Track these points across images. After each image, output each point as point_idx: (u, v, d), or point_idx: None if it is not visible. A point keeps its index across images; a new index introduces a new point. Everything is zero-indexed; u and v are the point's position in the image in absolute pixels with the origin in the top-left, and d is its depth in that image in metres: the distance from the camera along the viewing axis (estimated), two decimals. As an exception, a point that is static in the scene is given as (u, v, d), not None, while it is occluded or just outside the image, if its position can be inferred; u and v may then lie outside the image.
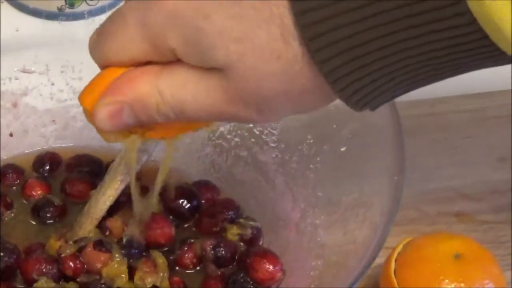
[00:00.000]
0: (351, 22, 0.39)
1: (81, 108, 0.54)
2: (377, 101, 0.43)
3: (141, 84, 0.45)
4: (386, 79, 0.41)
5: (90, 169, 0.63)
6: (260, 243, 0.60)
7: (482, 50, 0.40)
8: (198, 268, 0.59)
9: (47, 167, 0.64)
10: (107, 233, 0.58)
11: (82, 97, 0.49)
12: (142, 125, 0.47)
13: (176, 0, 0.43)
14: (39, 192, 0.62)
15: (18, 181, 0.63)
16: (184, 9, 0.42)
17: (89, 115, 0.48)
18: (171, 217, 0.60)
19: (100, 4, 0.69)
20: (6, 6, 0.76)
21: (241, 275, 0.57)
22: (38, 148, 0.65)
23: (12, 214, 0.61)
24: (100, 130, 0.49)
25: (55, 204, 0.61)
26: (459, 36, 0.39)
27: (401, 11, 0.38)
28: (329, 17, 0.39)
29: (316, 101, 0.45)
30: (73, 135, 0.65)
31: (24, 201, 0.62)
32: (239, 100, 0.44)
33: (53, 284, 0.56)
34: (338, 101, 0.55)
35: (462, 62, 0.41)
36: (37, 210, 0.61)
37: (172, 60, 0.45)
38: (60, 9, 0.75)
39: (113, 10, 0.46)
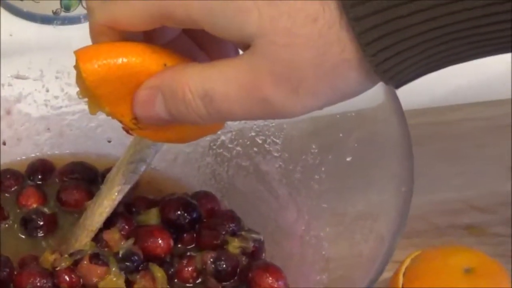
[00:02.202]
0: None
1: (77, 116, 0.54)
2: (405, 74, 0.42)
3: (173, 75, 0.45)
4: (420, 49, 0.41)
5: (85, 177, 0.63)
6: (263, 256, 0.60)
7: None
8: (198, 282, 0.59)
9: (39, 176, 0.64)
10: (103, 246, 0.58)
11: (85, 61, 0.46)
12: (167, 122, 0.46)
13: None
14: (33, 203, 0.62)
15: (16, 187, 0.63)
16: None
17: (83, 82, 0.46)
18: (170, 229, 0.60)
19: (96, 7, 0.70)
20: (-1, 10, 0.77)
21: (243, 288, 0.57)
22: (32, 155, 0.65)
23: (6, 225, 0.61)
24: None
25: (45, 215, 0.61)
26: (496, 14, 0.39)
27: None
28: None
29: (353, 80, 0.43)
30: (69, 143, 0.65)
31: (18, 211, 0.62)
32: (270, 79, 0.42)
33: (47, 298, 0.56)
34: (344, 109, 0.56)
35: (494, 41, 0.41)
36: (25, 224, 0.61)
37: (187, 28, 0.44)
38: (55, 12, 0.76)
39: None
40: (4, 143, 0.65)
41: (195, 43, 0.50)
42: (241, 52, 0.45)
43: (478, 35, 0.40)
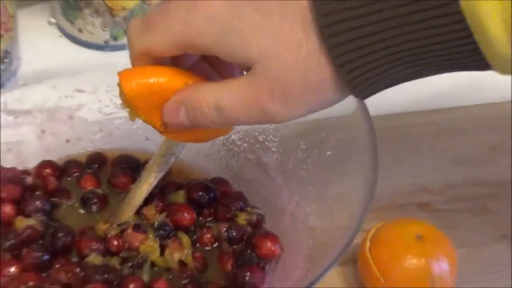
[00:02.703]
0: (357, 16, 0.38)
1: (123, 120, 0.55)
2: (370, 89, 0.42)
3: (193, 92, 0.45)
4: (384, 68, 0.40)
5: (129, 166, 0.63)
6: (263, 226, 0.60)
7: (466, 50, 0.38)
8: (214, 246, 0.59)
9: (95, 165, 0.64)
10: (143, 218, 0.59)
11: (126, 81, 0.46)
12: (189, 127, 0.46)
13: (216, 3, 0.41)
14: (90, 185, 0.62)
15: (77, 173, 0.63)
16: (223, 12, 0.41)
17: (124, 96, 0.46)
18: (193, 206, 0.60)
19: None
20: (64, 40, 0.77)
21: (248, 251, 0.58)
22: (89, 150, 0.65)
23: (69, 203, 0.61)
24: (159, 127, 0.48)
25: (98, 195, 0.61)
26: (445, 33, 0.38)
27: (399, 9, 0.37)
28: (344, 19, 0.39)
29: (329, 94, 0.42)
30: (117, 140, 0.65)
31: (78, 192, 0.62)
32: (267, 95, 0.42)
33: (100, 259, 0.56)
34: (326, 115, 0.56)
35: (446, 60, 0.40)
36: (84, 202, 0.61)
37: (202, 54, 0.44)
38: (106, 42, 0.76)
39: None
40: (68, 141, 0.65)
41: (210, 66, 0.49)
42: (244, 72, 0.46)
43: (424, 58, 0.40)
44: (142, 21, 0.45)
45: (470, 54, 0.39)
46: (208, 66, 0.49)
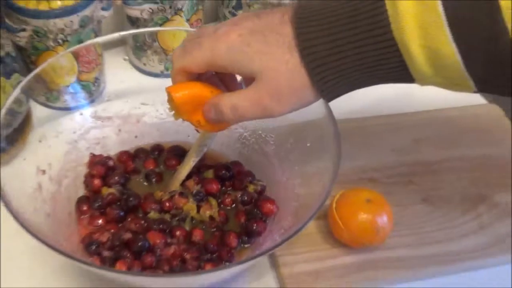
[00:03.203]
0: (324, 43, 0.39)
1: (172, 123, 0.54)
2: (335, 93, 0.42)
3: (220, 100, 0.44)
4: (343, 79, 0.40)
5: (178, 153, 0.62)
6: (265, 193, 0.59)
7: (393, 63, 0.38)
8: (233, 206, 0.59)
9: (156, 152, 0.63)
10: (185, 188, 0.58)
11: (174, 92, 0.46)
12: (216, 121, 0.46)
13: (232, 37, 0.41)
14: (151, 166, 0.62)
15: (144, 158, 0.63)
16: (237, 43, 0.41)
17: (174, 103, 0.46)
18: (218, 180, 0.60)
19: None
20: (134, 70, 0.77)
21: (255, 210, 0.57)
22: (151, 142, 0.64)
23: (137, 178, 0.61)
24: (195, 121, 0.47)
25: (156, 173, 0.61)
26: (385, 57, 0.38)
27: (353, 39, 0.38)
28: (316, 44, 0.39)
29: (308, 95, 0.42)
30: (169, 136, 0.64)
31: (143, 170, 0.62)
32: (267, 97, 0.41)
33: (157, 215, 0.56)
34: (306, 119, 0.56)
35: (385, 73, 0.40)
36: (146, 177, 0.61)
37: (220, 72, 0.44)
38: (161, 71, 0.76)
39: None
40: (136, 137, 0.64)
41: (220, 80, 0.49)
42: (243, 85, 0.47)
43: (370, 72, 0.40)
44: (181, 49, 0.45)
45: (401, 69, 0.38)
46: (218, 79, 0.49)
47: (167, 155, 0.63)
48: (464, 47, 0.36)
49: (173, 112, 0.48)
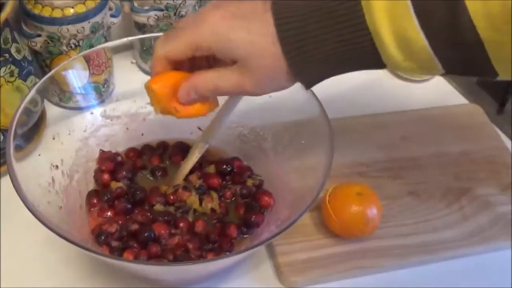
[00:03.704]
0: (302, 33, 0.39)
1: (176, 122, 0.53)
2: (310, 79, 0.42)
3: (198, 78, 0.44)
4: (318, 67, 0.40)
5: (181, 149, 0.62)
6: (263, 187, 0.59)
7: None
8: (232, 199, 0.58)
9: (161, 148, 0.63)
10: (189, 182, 0.58)
11: (153, 83, 0.44)
12: (197, 100, 0.44)
13: (216, 20, 0.40)
14: (157, 162, 0.61)
15: (150, 154, 0.62)
16: (222, 27, 0.40)
17: (155, 95, 0.45)
18: (219, 174, 0.59)
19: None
20: (140, 73, 0.76)
21: (254, 203, 0.57)
22: (157, 139, 0.63)
23: (143, 173, 0.61)
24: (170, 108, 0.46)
25: (161, 168, 0.60)
26: (359, 43, 0.38)
27: (326, 30, 0.38)
28: (293, 34, 0.39)
29: (285, 79, 0.42)
30: (174, 133, 0.63)
31: (149, 165, 0.61)
32: (248, 77, 0.41)
33: (163, 207, 0.56)
34: (300, 118, 0.55)
35: (359, 60, 0.40)
36: (152, 171, 0.60)
37: (206, 55, 0.42)
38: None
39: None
40: (143, 134, 0.64)
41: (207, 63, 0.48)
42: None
43: (343, 58, 0.39)
44: (164, 36, 0.43)
45: (374, 56, 0.39)
46: (206, 62, 0.47)
47: (171, 151, 0.62)
48: (431, 32, 0.37)
49: (153, 107, 0.47)
